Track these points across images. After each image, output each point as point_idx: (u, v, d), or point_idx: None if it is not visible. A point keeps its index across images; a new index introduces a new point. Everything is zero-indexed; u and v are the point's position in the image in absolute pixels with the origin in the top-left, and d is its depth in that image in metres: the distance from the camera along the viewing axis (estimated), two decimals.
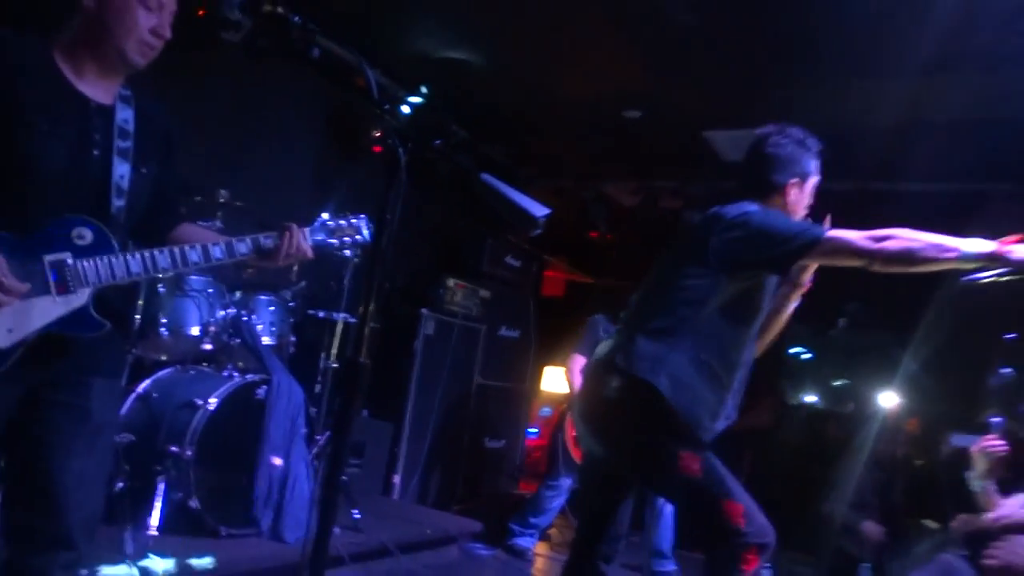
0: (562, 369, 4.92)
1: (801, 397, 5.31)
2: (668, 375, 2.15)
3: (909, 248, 2.00)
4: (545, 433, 6.27)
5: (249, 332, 3.37)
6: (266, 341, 3.46)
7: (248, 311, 3.42)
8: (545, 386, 6.76)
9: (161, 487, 2.91)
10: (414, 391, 4.98)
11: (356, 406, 1.63)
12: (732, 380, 2.26)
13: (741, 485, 2.19)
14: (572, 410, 3.25)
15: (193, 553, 2.79)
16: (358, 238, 2.04)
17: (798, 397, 5.31)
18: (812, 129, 2.47)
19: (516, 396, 6.04)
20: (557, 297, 8.09)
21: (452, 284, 5.25)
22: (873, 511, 4.42)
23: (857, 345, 5.03)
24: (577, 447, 4.26)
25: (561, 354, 4.83)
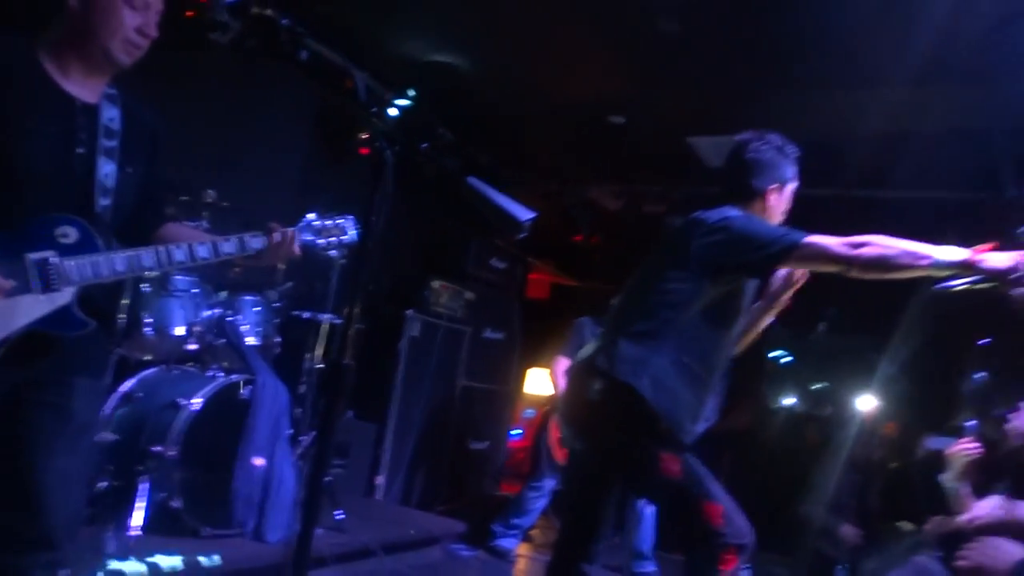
0: (546, 371, 4.94)
1: (780, 400, 5.37)
2: (650, 377, 2.18)
3: (884, 255, 2.04)
4: (528, 435, 6.28)
5: (234, 332, 3.37)
6: (251, 341, 3.45)
7: (233, 311, 3.41)
8: (529, 388, 6.78)
9: (144, 487, 2.90)
10: (399, 392, 4.99)
11: (340, 407, 1.64)
12: (712, 382, 2.30)
13: (721, 486, 2.22)
14: (556, 412, 3.27)
15: (175, 553, 2.78)
16: (344, 238, 2.05)
17: (777, 400, 5.36)
18: (796, 137, 2.50)
19: (500, 398, 6.05)
20: (542, 300, 8.11)
21: (437, 286, 5.26)
22: (850, 513, 4.47)
23: (836, 349, 5.09)
24: (561, 448, 4.29)
25: (546, 356, 4.85)
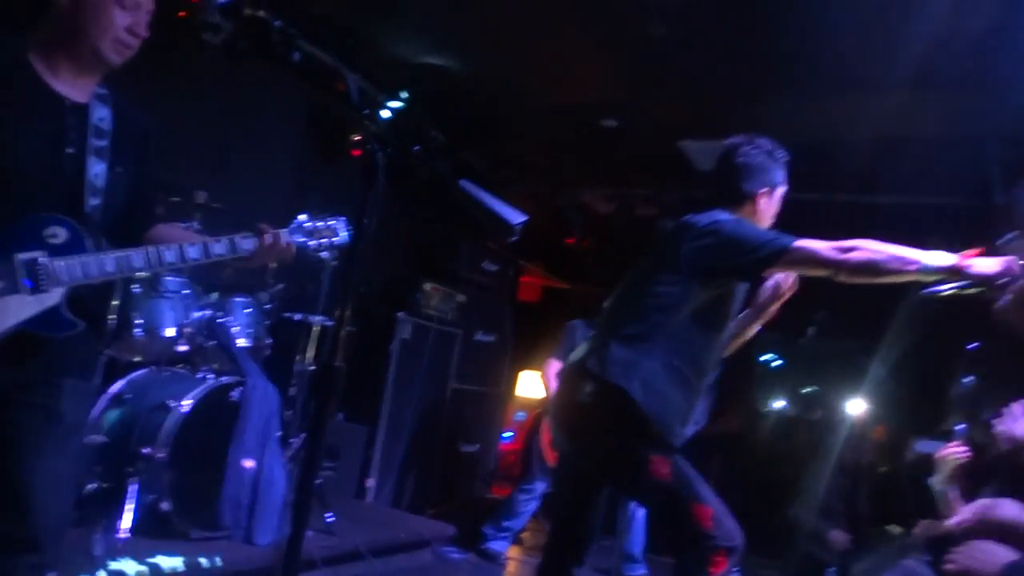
0: (538, 374, 4.94)
1: (770, 404, 5.38)
2: (640, 380, 2.19)
3: (873, 260, 2.05)
4: (519, 437, 6.28)
5: (224, 334, 3.36)
6: (241, 343, 3.44)
7: (224, 313, 3.40)
8: (520, 391, 6.78)
9: (133, 489, 2.88)
10: (389, 394, 4.98)
11: (331, 409, 1.64)
12: (702, 385, 2.31)
13: (710, 489, 2.23)
14: (547, 414, 3.27)
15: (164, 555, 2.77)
16: (335, 240, 2.04)
17: (768, 403, 5.38)
18: (788, 141, 2.51)
19: (491, 400, 6.05)
20: (533, 302, 8.11)
21: (429, 288, 5.25)
22: (839, 517, 4.49)
23: (826, 353, 5.12)
24: (552, 451, 4.29)
25: (537, 359, 4.86)
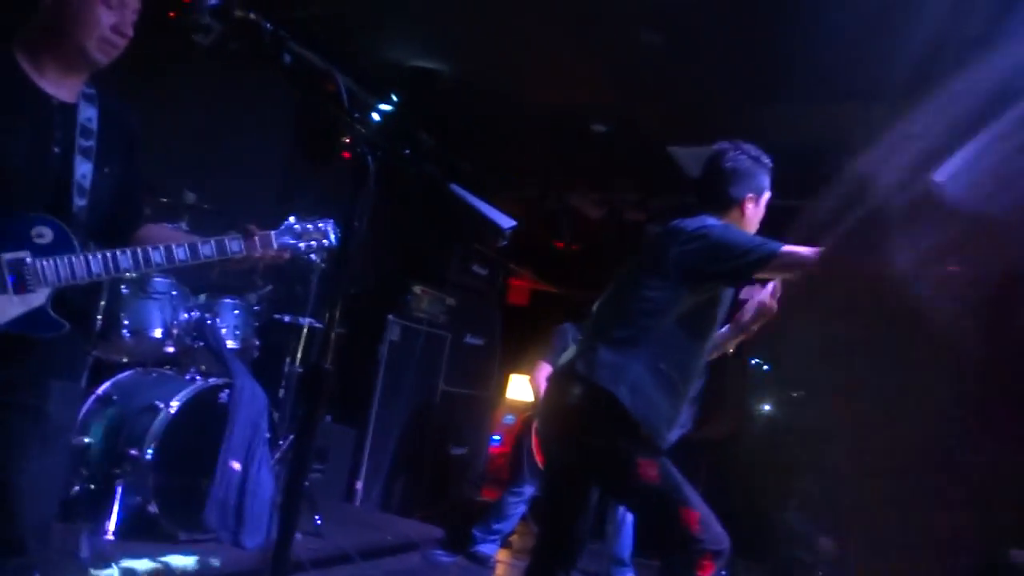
0: (527, 377, 4.95)
1: (761, 408, 5.40)
2: (628, 384, 2.20)
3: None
4: (508, 440, 6.28)
5: (213, 335, 3.34)
6: (230, 345, 3.43)
7: (212, 314, 3.39)
8: (509, 394, 6.79)
9: (119, 491, 2.87)
10: (378, 397, 4.97)
11: (320, 412, 1.63)
12: (689, 389, 2.32)
13: (698, 493, 2.24)
14: (536, 417, 3.27)
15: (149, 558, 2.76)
16: (324, 242, 2.04)
17: (758, 408, 5.40)
18: (778, 148, 2.53)
19: (480, 403, 6.05)
20: (522, 306, 8.12)
21: (418, 291, 5.25)
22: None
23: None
24: (542, 454, 4.29)
25: (526, 362, 4.86)
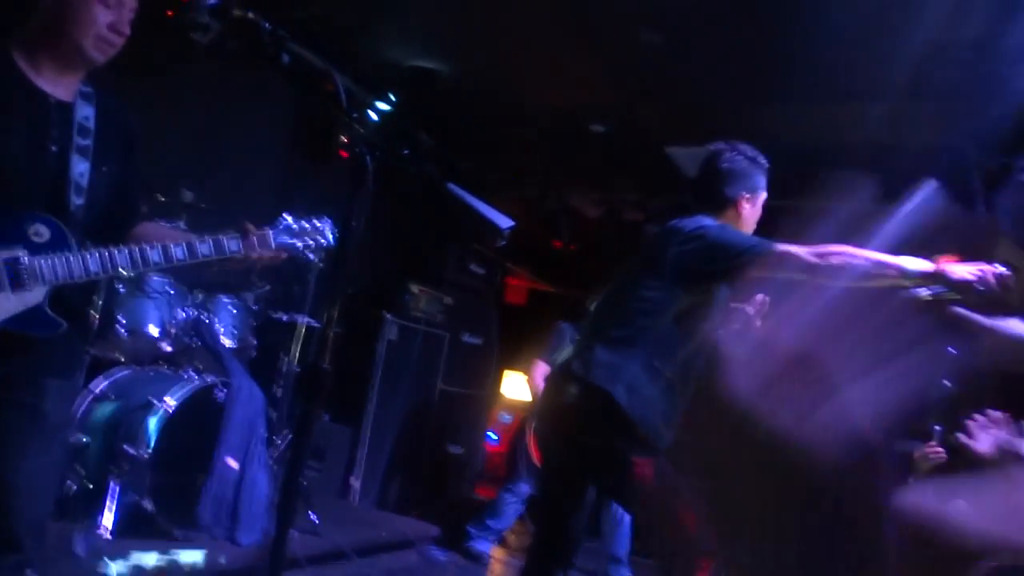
0: (524, 376, 4.95)
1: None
2: (625, 384, 2.20)
3: (853, 264, 2.08)
4: (505, 439, 6.29)
5: (209, 334, 3.35)
6: (227, 343, 3.43)
7: (209, 312, 3.39)
8: (506, 392, 6.79)
9: (115, 488, 2.87)
10: (375, 396, 4.97)
11: (318, 411, 1.64)
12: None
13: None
14: (533, 416, 3.28)
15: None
16: (321, 241, 2.04)
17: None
18: (775, 149, 2.53)
19: (477, 402, 6.05)
20: (519, 305, 8.12)
21: (416, 290, 5.25)
22: None
23: None
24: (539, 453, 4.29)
25: (523, 361, 4.86)
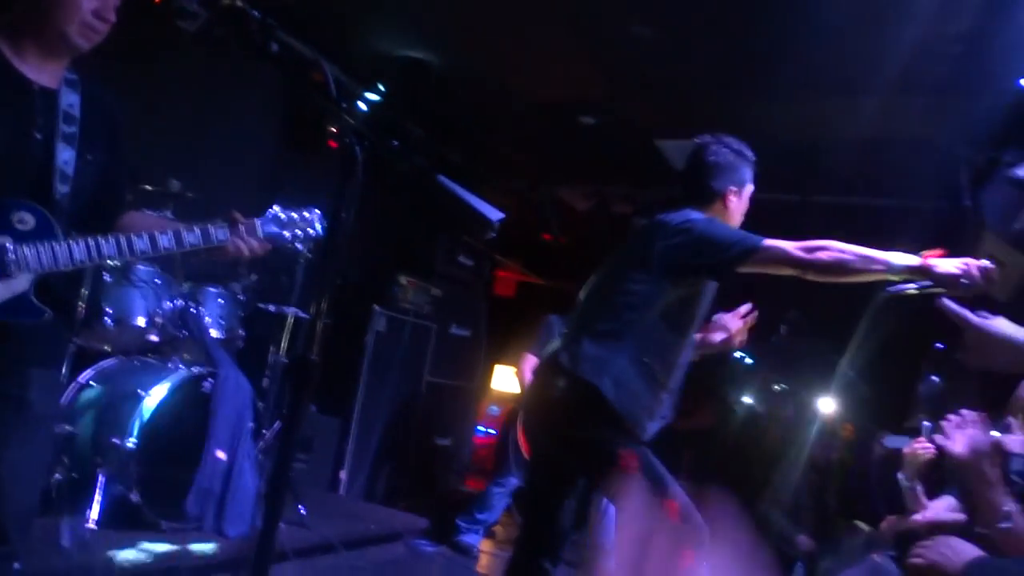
0: (512, 368, 4.96)
1: (742, 400, 5.45)
2: (611, 377, 2.21)
3: (840, 259, 2.09)
4: (495, 431, 6.30)
5: (197, 324, 3.33)
6: (214, 334, 3.42)
7: (196, 303, 3.37)
8: (495, 385, 6.80)
9: (101, 480, 2.86)
10: (363, 387, 4.97)
11: (306, 403, 1.63)
12: (670, 382, 2.34)
13: (679, 484, 2.26)
14: (521, 408, 3.28)
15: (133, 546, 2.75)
16: (310, 231, 2.03)
17: (739, 400, 5.45)
18: (765, 143, 2.54)
19: (465, 394, 6.06)
20: (508, 297, 8.13)
21: (404, 282, 5.25)
22: (808, 513, 4.56)
23: (797, 351, 5.19)
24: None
25: (511, 353, 4.87)
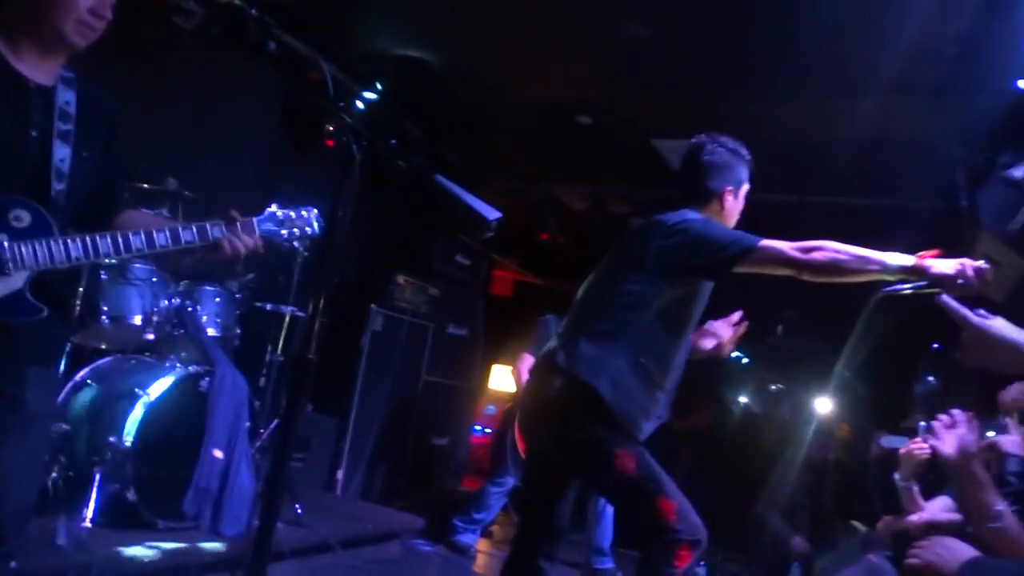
0: (509, 368, 4.96)
1: (738, 400, 5.45)
2: (608, 378, 2.21)
3: (836, 259, 2.09)
4: (492, 430, 6.30)
5: (193, 323, 3.32)
6: (211, 332, 3.41)
7: (193, 301, 3.37)
8: (492, 384, 6.80)
9: (97, 478, 2.85)
10: (360, 386, 4.97)
11: (303, 402, 1.63)
12: (666, 382, 2.34)
13: (675, 484, 2.26)
14: (517, 408, 3.28)
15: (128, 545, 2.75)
16: (308, 230, 2.03)
17: (736, 400, 5.45)
18: (762, 143, 2.54)
19: (462, 394, 6.06)
20: (505, 297, 8.14)
21: (402, 281, 5.25)
22: (804, 512, 4.57)
23: (793, 351, 5.19)
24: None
25: (508, 353, 4.87)
